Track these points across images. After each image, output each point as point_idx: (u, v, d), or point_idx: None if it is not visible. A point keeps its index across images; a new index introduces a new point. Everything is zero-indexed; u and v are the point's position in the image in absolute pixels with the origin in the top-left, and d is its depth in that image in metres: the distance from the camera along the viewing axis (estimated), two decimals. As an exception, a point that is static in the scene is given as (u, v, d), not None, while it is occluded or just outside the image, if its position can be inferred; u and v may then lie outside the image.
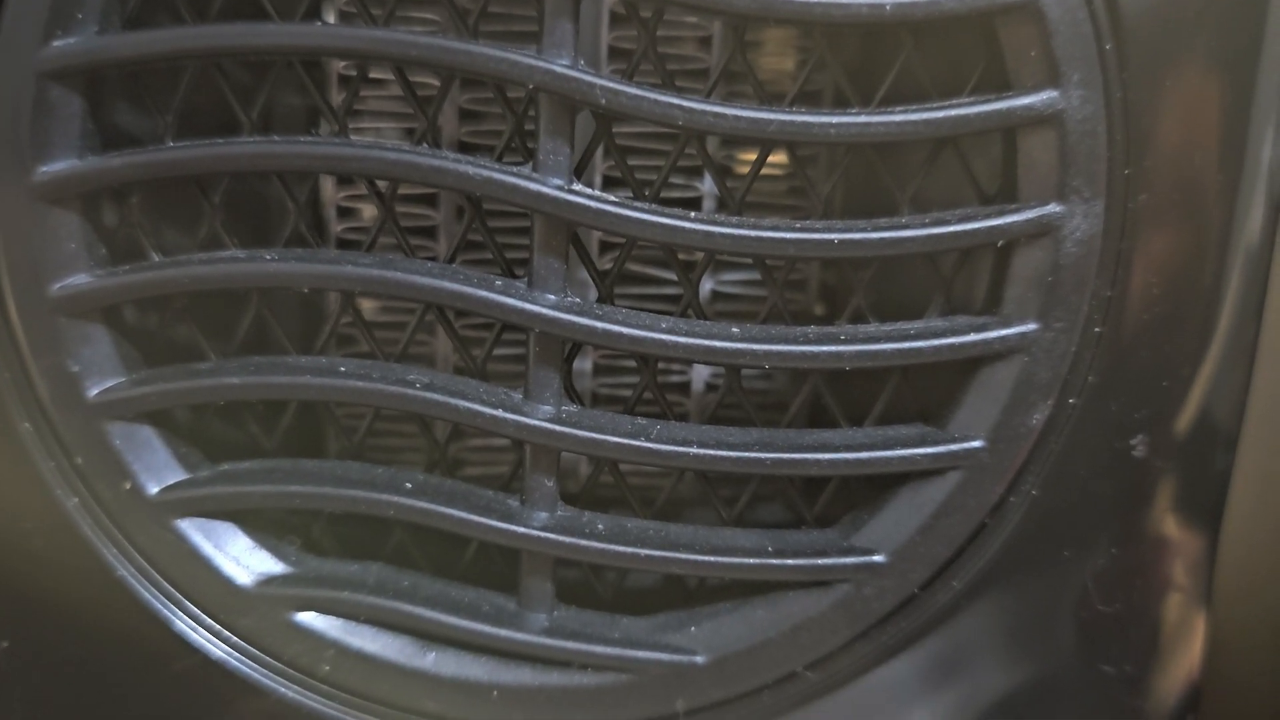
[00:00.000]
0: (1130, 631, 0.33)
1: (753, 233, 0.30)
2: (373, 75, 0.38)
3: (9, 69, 0.29)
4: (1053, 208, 0.30)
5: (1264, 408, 0.32)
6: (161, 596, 0.33)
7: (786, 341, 0.31)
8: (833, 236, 0.30)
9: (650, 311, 0.32)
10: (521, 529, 0.32)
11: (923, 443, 0.31)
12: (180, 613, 0.33)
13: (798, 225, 0.30)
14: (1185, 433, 0.32)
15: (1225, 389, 0.32)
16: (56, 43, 0.29)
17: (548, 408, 0.31)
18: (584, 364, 0.41)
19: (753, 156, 0.33)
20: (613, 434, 0.31)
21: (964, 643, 0.33)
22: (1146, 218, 0.30)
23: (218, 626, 0.33)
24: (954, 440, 0.31)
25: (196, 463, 0.33)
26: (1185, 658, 0.34)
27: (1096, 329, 0.31)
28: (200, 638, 0.33)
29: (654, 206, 0.30)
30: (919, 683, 0.33)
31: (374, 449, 0.40)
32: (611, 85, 0.29)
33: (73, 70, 0.30)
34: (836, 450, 0.31)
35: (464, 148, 0.39)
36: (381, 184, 0.33)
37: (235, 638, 0.33)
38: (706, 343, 0.31)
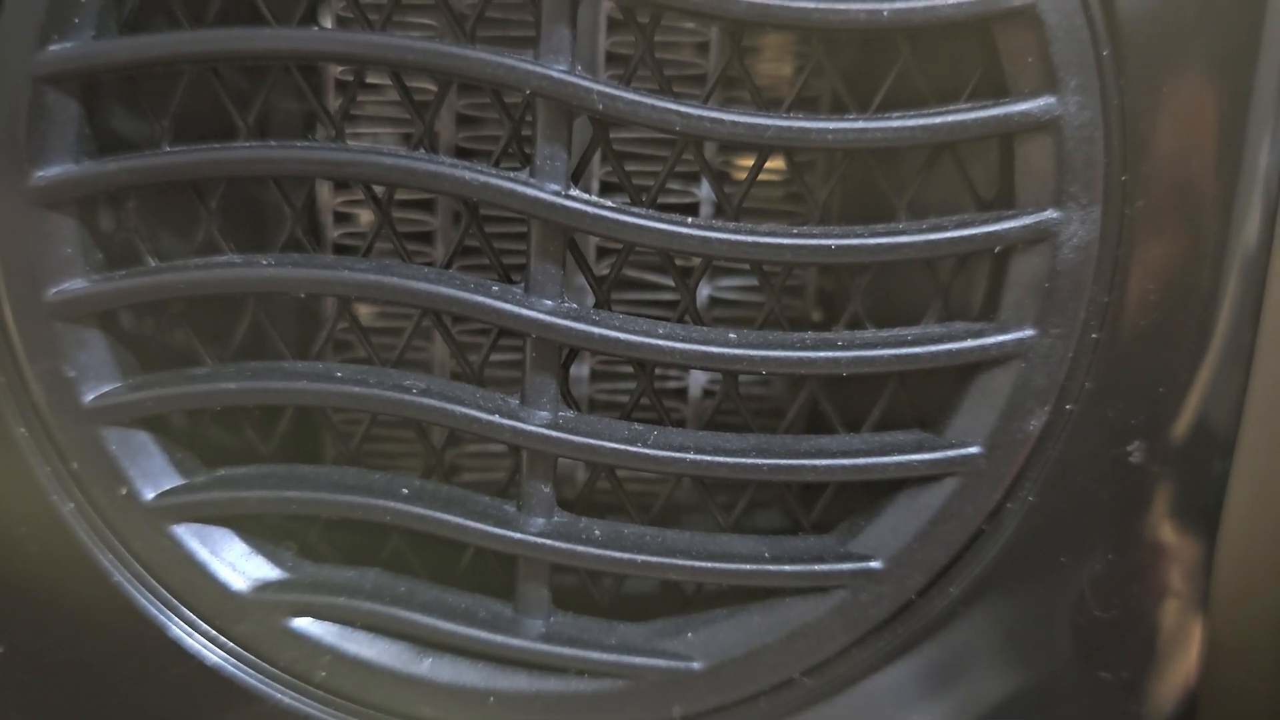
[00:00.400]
0: (1127, 637, 0.34)
1: (750, 238, 0.30)
2: (370, 80, 0.38)
3: (5, 73, 0.29)
4: (1050, 214, 0.30)
5: (1261, 412, 0.32)
6: (157, 602, 0.32)
7: (784, 347, 0.31)
8: (830, 242, 0.30)
9: (647, 317, 0.32)
10: (518, 535, 0.32)
11: (920, 449, 0.31)
12: (176, 618, 0.33)
13: (795, 231, 0.30)
14: (1182, 438, 0.32)
15: (1222, 394, 0.32)
16: (53, 47, 0.29)
17: (544, 413, 0.31)
18: (581, 370, 0.41)
19: (750, 162, 0.33)
20: (609, 440, 0.31)
21: (961, 649, 0.33)
22: (1143, 224, 0.30)
23: (214, 632, 0.33)
24: (951, 446, 0.31)
25: (192, 468, 0.33)
26: (1182, 663, 0.34)
27: (1094, 335, 0.31)
28: (196, 643, 0.33)
29: (651, 212, 0.30)
30: (916, 689, 0.33)
31: (371, 454, 0.40)
32: (609, 91, 0.29)
33: (69, 75, 0.30)
34: (833, 456, 0.31)
35: (461, 153, 0.39)
36: (378, 189, 0.33)
37: (231, 643, 0.33)
38: (703, 348, 0.31)
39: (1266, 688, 0.34)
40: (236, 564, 0.33)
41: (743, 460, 0.31)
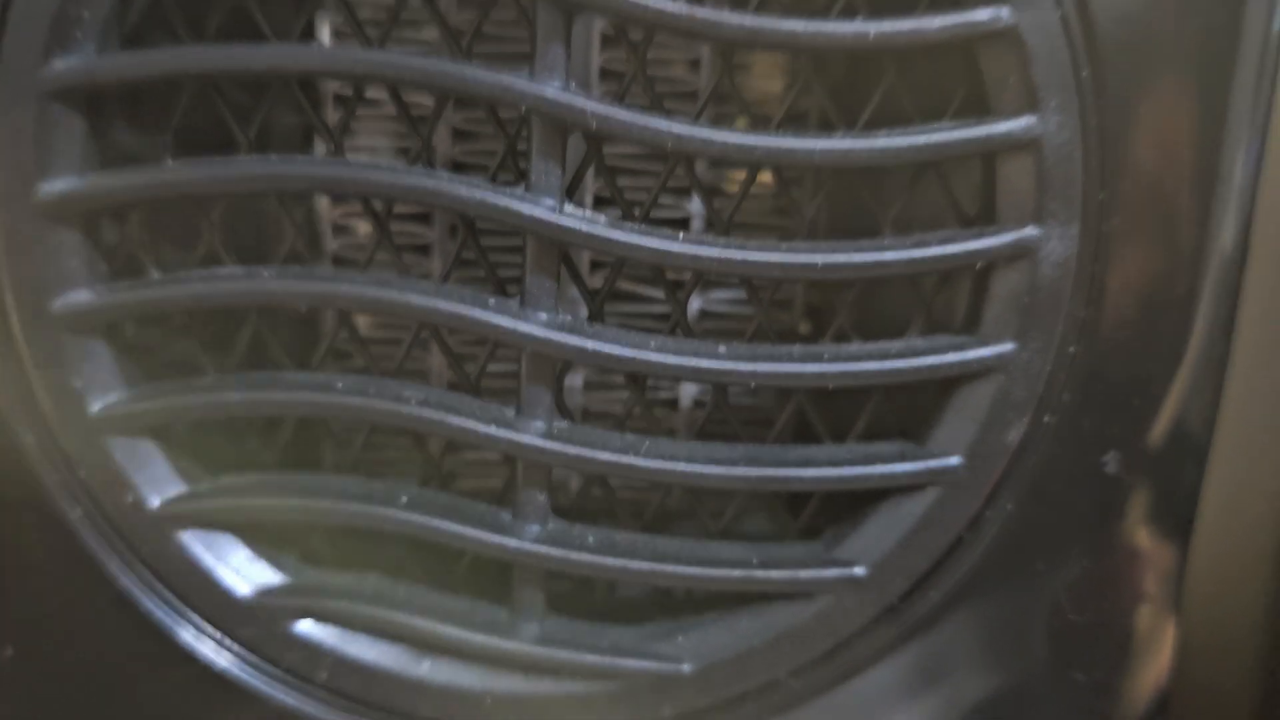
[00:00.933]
0: (1102, 640, 0.34)
1: (739, 254, 0.30)
2: (368, 95, 0.38)
3: (12, 88, 0.29)
4: (1030, 231, 0.30)
5: (1234, 423, 0.33)
6: (165, 606, 0.33)
7: (772, 360, 0.31)
8: (817, 259, 0.30)
9: (640, 329, 0.32)
10: (514, 542, 0.32)
11: (902, 459, 0.32)
12: (183, 622, 0.33)
13: (783, 247, 0.31)
14: (1157, 448, 0.33)
15: (1196, 406, 0.32)
16: (57, 62, 0.29)
17: (539, 424, 0.32)
18: (575, 380, 0.41)
19: (740, 175, 0.33)
20: (603, 450, 0.31)
21: (941, 652, 0.33)
22: (1120, 240, 0.31)
23: (219, 635, 0.33)
24: (932, 457, 0.32)
25: (197, 476, 0.33)
26: (1155, 664, 0.35)
27: (1071, 349, 0.31)
28: (202, 647, 0.33)
29: (643, 227, 0.31)
30: (898, 690, 0.34)
31: (371, 461, 0.40)
32: (603, 110, 0.29)
33: (74, 89, 0.30)
34: (819, 466, 0.32)
35: (458, 167, 0.39)
36: (377, 203, 0.33)
37: (236, 646, 0.33)
38: (694, 362, 0.31)
39: (1235, 686, 0.35)
40: (241, 569, 0.33)
41: (732, 470, 0.32)
